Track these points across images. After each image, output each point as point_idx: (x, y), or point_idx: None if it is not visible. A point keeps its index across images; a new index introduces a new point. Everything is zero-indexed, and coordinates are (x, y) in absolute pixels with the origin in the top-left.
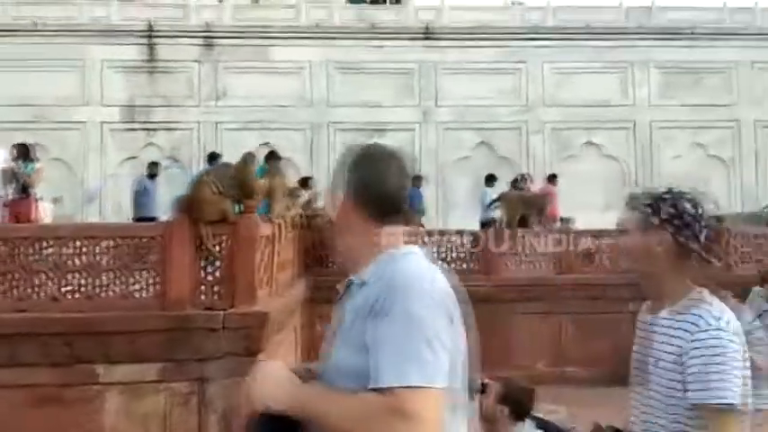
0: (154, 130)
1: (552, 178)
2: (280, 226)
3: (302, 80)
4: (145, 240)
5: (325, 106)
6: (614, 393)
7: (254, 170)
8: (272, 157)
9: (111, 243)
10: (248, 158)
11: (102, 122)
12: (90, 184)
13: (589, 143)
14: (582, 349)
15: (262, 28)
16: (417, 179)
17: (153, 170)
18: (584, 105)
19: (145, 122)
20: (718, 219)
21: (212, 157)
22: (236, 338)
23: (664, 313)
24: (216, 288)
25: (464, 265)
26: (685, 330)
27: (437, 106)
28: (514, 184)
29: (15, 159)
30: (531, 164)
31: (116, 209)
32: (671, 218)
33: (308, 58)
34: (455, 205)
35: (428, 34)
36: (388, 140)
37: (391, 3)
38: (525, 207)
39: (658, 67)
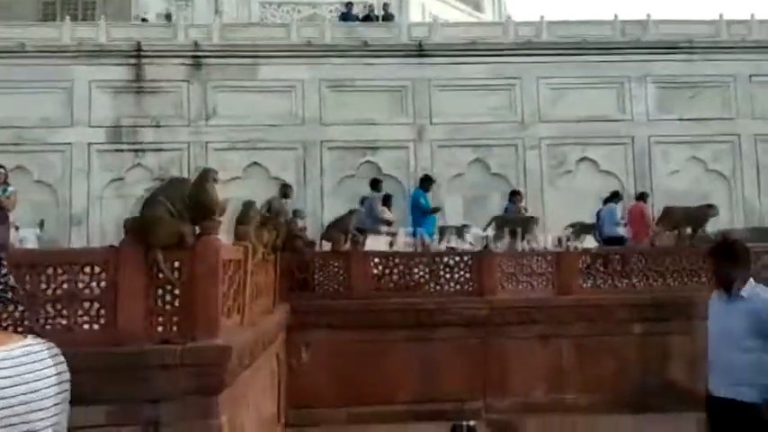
0: (142, 150)
1: (643, 196)
2: (253, 248)
3: (293, 99)
4: (91, 268)
5: (316, 125)
6: (616, 422)
7: (213, 186)
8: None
9: (54, 271)
10: (206, 174)
11: (89, 143)
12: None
13: (585, 158)
14: (583, 375)
15: (251, 47)
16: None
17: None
18: (580, 121)
19: (132, 143)
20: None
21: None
22: (194, 376)
23: None
24: (174, 319)
25: (458, 287)
26: None
27: (431, 123)
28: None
29: None
30: (527, 180)
31: (101, 233)
32: None
33: (298, 77)
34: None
35: (421, 51)
36: (382, 159)
37: (383, 20)
38: (688, 221)
39: (655, 81)
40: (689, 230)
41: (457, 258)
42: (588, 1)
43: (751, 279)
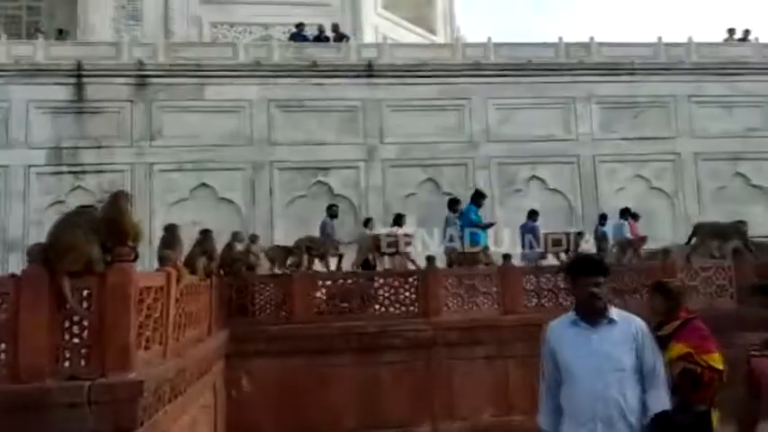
0: (83, 172)
1: (634, 216)
2: (178, 274)
3: (241, 119)
4: None
5: (266, 145)
6: None
7: (128, 210)
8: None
9: None
10: (120, 196)
11: (28, 165)
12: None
13: (534, 177)
14: (530, 396)
15: (198, 66)
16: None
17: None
18: (528, 140)
19: (73, 165)
20: (665, 252)
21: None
22: (105, 415)
23: None
24: (82, 352)
25: (403, 308)
26: None
27: (382, 143)
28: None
29: None
30: None
31: None
32: None
33: (247, 97)
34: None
35: (371, 72)
36: (333, 179)
37: (335, 41)
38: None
39: (599, 102)
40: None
41: (401, 279)
42: (543, 22)
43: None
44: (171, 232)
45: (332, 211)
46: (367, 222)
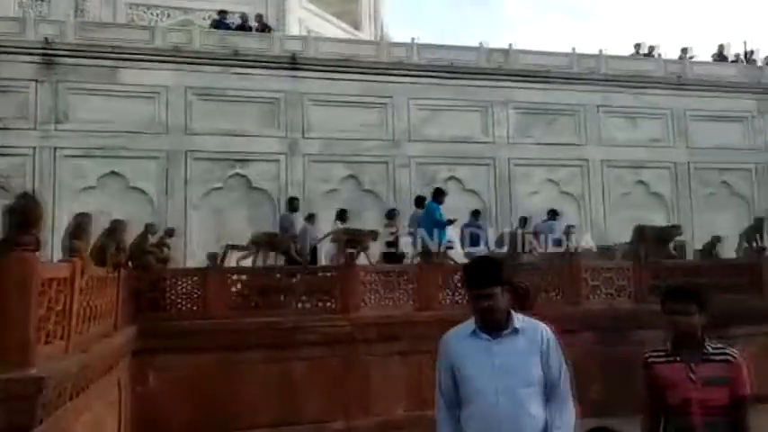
0: None
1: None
2: (83, 265)
3: (157, 105)
4: None
5: (182, 134)
6: None
7: (34, 198)
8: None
9: None
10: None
11: None
12: None
13: (452, 178)
14: None
15: (112, 48)
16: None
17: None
18: (448, 141)
19: None
20: (608, 249)
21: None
22: (2, 413)
23: None
24: None
25: (320, 304)
26: None
27: (304, 137)
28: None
29: None
30: (398, 198)
31: None
32: None
33: (164, 83)
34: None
35: (295, 64)
36: (252, 171)
37: (259, 31)
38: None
39: (516, 107)
40: None
41: (319, 274)
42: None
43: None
44: (79, 221)
45: (293, 206)
46: (342, 215)
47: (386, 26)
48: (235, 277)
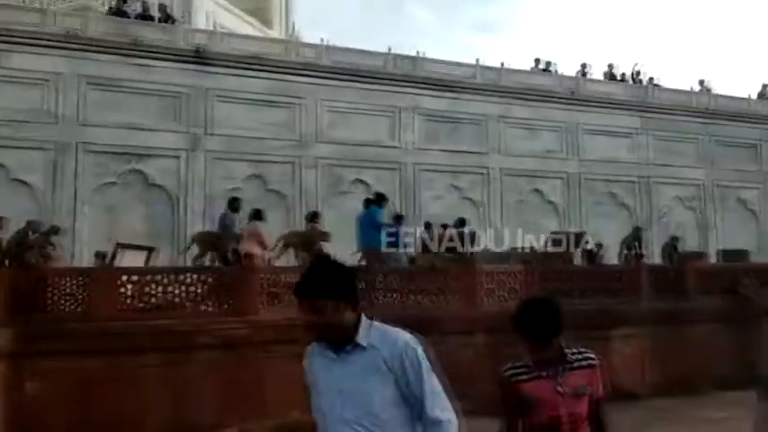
0: None
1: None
2: None
3: (46, 93)
4: None
5: (74, 124)
6: None
7: None
8: None
9: None
10: None
11: None
12: None
13: (359, 180)
14: None
15: None
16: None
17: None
18: (356, 144)
19: None
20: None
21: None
22: None
23: None
24: None
25: (217, 306)
26: None
27: (207, 134)
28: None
29: None
30: (304, 199)
31: None
32: None
33: (54, 70)
34: None
35: (199, 58)
36: (150, 167)
37: (161, 21)
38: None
39: (422, 114)
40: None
41: (216, 275)
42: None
43: (363, 316)
44: None
45: (234, 205)
46: (314, 217)
47: (297, 26)
48: (125, 278)
